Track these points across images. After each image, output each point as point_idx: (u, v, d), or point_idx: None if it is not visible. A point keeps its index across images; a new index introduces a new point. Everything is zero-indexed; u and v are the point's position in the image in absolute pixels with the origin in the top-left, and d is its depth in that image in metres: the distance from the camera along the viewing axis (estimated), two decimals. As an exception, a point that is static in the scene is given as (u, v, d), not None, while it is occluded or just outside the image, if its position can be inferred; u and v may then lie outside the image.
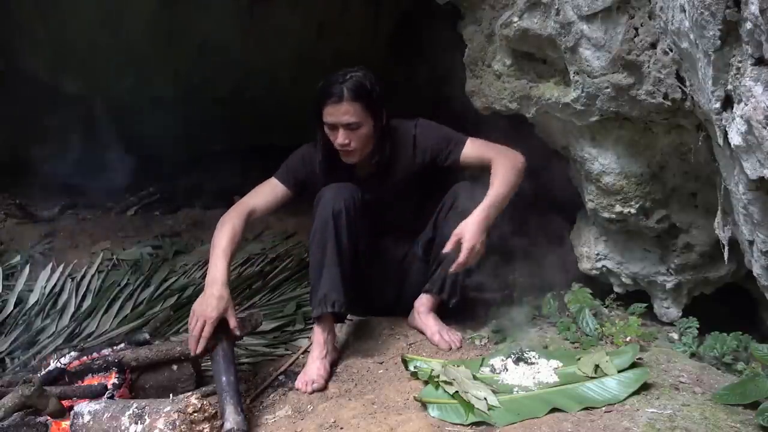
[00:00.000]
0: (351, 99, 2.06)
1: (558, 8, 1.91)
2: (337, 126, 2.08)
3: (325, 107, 2.08)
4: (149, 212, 4.09)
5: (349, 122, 2.08)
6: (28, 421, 1.65)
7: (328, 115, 2.09)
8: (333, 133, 2.11)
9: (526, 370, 1.86)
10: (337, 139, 2.10)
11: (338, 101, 2.06)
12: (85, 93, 4.94)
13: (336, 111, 2.07)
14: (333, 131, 2.11)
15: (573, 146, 2.21)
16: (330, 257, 2.05)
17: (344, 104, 2.06)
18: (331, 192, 2.10)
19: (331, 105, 2.07)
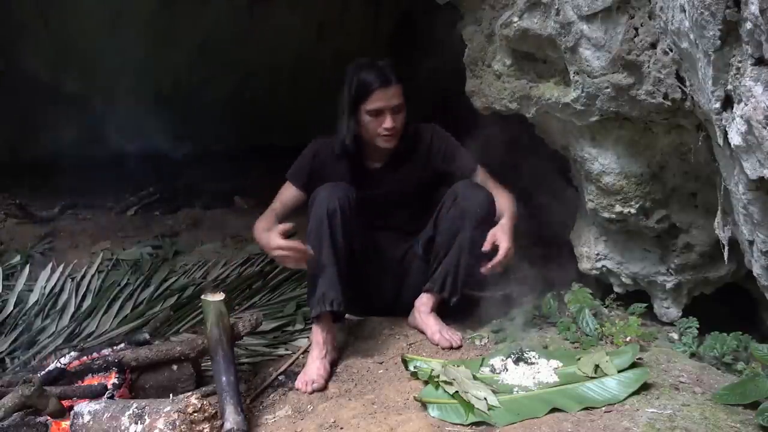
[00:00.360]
0: (397, 81, 2.13)
1: (558, 8, 1.91)
2: (384, 111, 2.12)
3: (372, 94, 2.11)
4: (149, 212, 4.10)
5: (398, 104, 2.14)
6: (28, 421, 1.65)
7: (377, 101, 2.11)
8: (378, 119, 2.13)
9: (526, 370, 1.86)
10: (385, 123, 2.13)
11: (388, 84, 2.11)
12: (85, 93, 4.94)
13: (386, 95, 2.11)
14: (378, 117, 2.13)
15: (573, 146, 2.21)
16: (326, 256, 2.05)
17: (393, 87, 2.12)
18: (325, 191, 2.11)
19: (381, 90, 2.11)
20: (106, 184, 4.45)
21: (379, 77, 2.11)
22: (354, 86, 2.14)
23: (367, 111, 2.13)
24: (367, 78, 2.12)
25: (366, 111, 2.13)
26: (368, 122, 2.15)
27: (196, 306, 2.52)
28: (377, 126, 2.14)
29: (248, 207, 4.24)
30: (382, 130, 2.14)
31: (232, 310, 2.54)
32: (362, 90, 2.12)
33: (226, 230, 3.73)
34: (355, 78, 2.14)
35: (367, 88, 2.11)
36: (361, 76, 2.13)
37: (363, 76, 2.13)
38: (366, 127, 2.17)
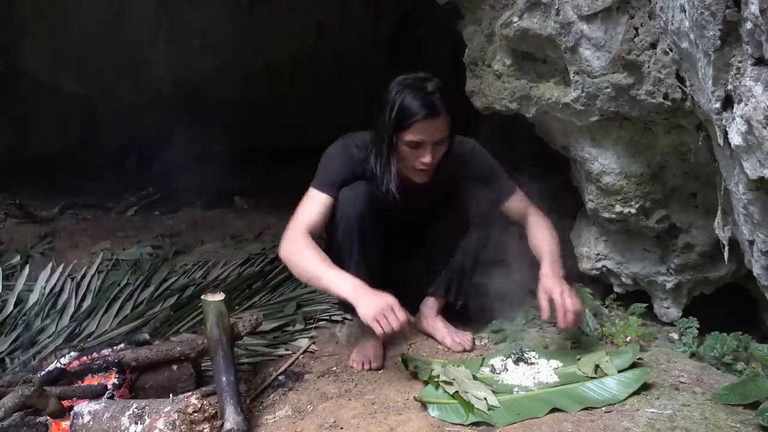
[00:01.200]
0: (445, 112, 1.88)
1: (558, 8, 1.91)
2: (425, 144, 1.89)
3: (415, 124, 1.85)
4: (149, 212, 4.10)
5: (441, 138, 1.90)
6: (28, 421, 1.65)
7: (419, 133, 1.87)
8: (416, 151, 1.90)
9: (526, 370, 1.86)
10: (423, 158, 1.90)
11: (434, 116, 1.86)
12: (85, 93, 4.94)
13: (430, 127, 1.86)
14: (417, 149, 1.90)
15: (573, 146, 2.21)
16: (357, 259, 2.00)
17: (439, 118, 1.87)
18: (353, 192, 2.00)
19: (426, 121, 1.85)
20: (106, 184, 4.46)
21: (425, 106, 1.84)
22: (396, 110, 1.87)
23: (405, 141, 1.89)
24: (411, 105, 1.85)
25: (405, 141, 1.89)
26: (405, 152, 1.92)
27: (196, 306, 2.52)
28: (413, 158, 1.92)
29: (248, 207, 4.25)
30: (418, 164, 1.92)
31: (232, 310, 2.54)
32: (404, 118, 1.86)
33: (226, 230, 3.73)
34: (398, 100, 1.87)
35: (410, 118, 1.85)
36: (405, 100, 1.86)
37: (408, 102, 1.86)
38: (401, 155, 1.95)
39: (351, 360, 2.08)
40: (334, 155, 2.06)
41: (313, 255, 1.88)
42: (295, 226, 1.96)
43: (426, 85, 1.89)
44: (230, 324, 1.88)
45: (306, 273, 1.91)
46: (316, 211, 1.98)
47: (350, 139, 2.09)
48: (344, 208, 1.99)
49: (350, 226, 1.98)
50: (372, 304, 1.76)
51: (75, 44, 4.67)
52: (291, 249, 1.93)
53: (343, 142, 2.09)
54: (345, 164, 2.03)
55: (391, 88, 1.92)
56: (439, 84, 1.92)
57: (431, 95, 1.87)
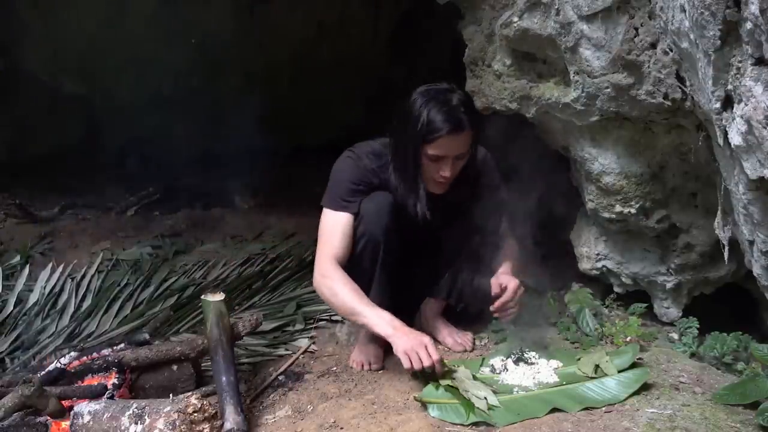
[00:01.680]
0: (469, 127, 1.86)
1: (558, 8, 1.91)
2: (446, 158, 1.87)
3: (439, 138, 1.83)
4: (149, 212, 4.10)
5: (463, 152, 1.89)
6: (28, 421, 1.65)
7: (442, 148, 1.85)
8: (436, 164, 1.89)
9: (526, 370, 1.86)
10: (443, 171, 1.89)
11: (459, 131, 1.84)
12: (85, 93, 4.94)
13: (453, 142, 1.84)
14: (437, 162, 1.88)
15: (573, 146, 2.21)
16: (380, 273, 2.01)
17: (463, 134, 1.85)
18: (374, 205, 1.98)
19: (450, 136, 1.83)
20: (106, 184, 4.46)
21: (450, 121, 1.82)
22: (420, 123, 1.84)
23: (428, 154, 1.87)
24: (436, 120, 1.82)
25: (427, 154, 1.87)
26: (425, 164, 1.91)
27: (196, 306, 2.52)
28: (433, 171, 1.90)
29: (248, 207, 4.25)
30: (437, 177, 1.91)
31: (232, 310, 2.54)
32: (428, 132, 1.83)
33: (226, 230, 3.74)
34: (424, 113, 1.83)
35: (434, 133, 1.83)
36: (431, 114, 1.83)
37: (433, 116, 1.83)
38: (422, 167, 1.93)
39: (351, 360, 2.08)
40: (344, 169, 2.02)
41: (348, 292, 1.90)
42: (323, 259, 1.96)
43: (451, 98, 1.86)
44: (230, 324, 1.88)
45: (342, 309, 1.95)
46: (339, 235, 1.96)
47: (359, 149, 2.06)
48: (368, 223, 1.96)
49: (375, 240, 1.97)
50: (407, 341, 1.80)
51: (75, 44, 4.66)
52: (326, 284, 1.94)
53: (352, 154, 2.05)
54: (357, 176, 2.00)
55: (415, 100, 1.89)
56: (463, 97, 1.90)
57: (456, 109, 1.84)
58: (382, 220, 1.96)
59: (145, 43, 4.72)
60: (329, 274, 1.93)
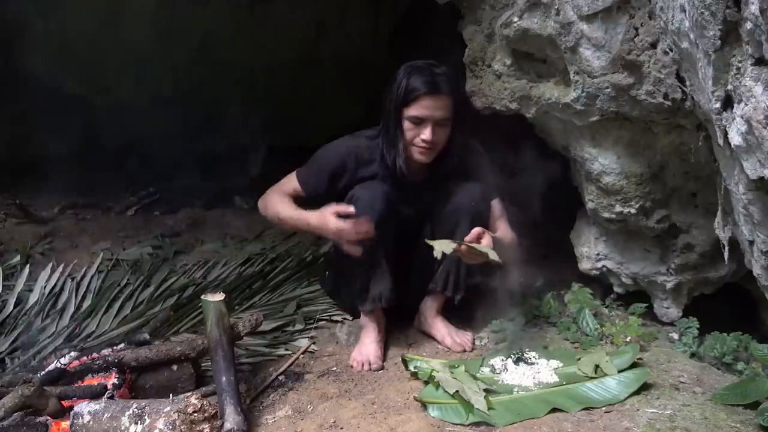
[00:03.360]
0: (448, 92, 2.00)
1: (558, 8, 1.91)
2: (426, 120, 1.98)
3: (418, 100, 1.97)
4: (149, 212, 4.09)
5: (442, 117, 1.99)
6: (28, 421, 1.65)
7: (422, 108, 1.97)
8: (418, 128, 2.00)
9: (526, 370, 1.86)
10: (423, 134, 1.99)
11: (437, 93, 1.97)
12: (85, 93, 4.94)
13: (432, 104, 1.97)
14: (418, 126, 2.00)
15: (573, 146, 2.21)
16: (379, 257, 2.07)
17: (442, 97, 1.98)
18: (368, 192, 2.05)
19: (428, 97, 1.96)
20: (106, 184, 4.45)
21: (428, 83, 1.96)
22: (402, 88, 1.99)
23: (408, 116, 2.00)
24: (415, 82, 1.97)
25: (407, 116, 2.00)
26: (407, 129, 2.02)
27: (196, 306, 2.52)
28: (415, 135, 2.01)
29: (248, 207, 4.24)
30: (418, 141, 2.01)
31: (232, 310, 2.54)
32: (408, 93, 1.98)
33: (226, 230, 3.73)
34: (404, 80, 1.99)
35: (413, 93, 1.97)
36: (411, 78, 1.99)
37: (412, 80, 1.98)
38: (404, 134, 2.04)
39: (351, 360, 2.08)
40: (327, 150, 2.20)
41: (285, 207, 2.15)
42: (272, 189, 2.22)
43: (432, 68, 2.02)
44: (230, 324, 1.88)
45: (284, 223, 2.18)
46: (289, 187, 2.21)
47: (355, 134, 2.21)
48: (361, 208, 2.01)
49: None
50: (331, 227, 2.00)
51: (75, 44, 4.66)
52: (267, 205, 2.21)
53: (345, 138, 2.21)
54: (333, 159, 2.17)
55: (399, 71, 2.05)
56: (445, 69, 2.04)
57: (436, 75, 1.99)
58: (376, 205, 2.01)
59: (145, 43, 4.71)
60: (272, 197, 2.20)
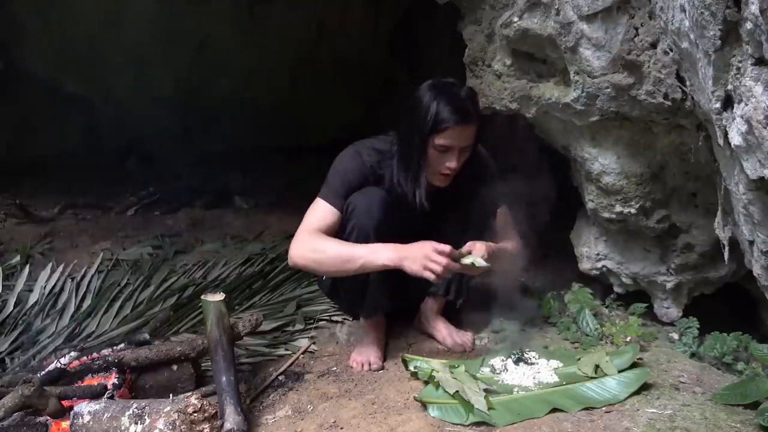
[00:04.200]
0: (475, 119, 1.92)
1: (558, 8, 1.91)
2: (453, 149, 1.91)
3: (447, 129, 1.87)
4: (149, 212, 4.09)
5: (468, 144, 1.93)
6: (28, 421, 1.65)
7: (450, 138, 1.88)
8: (442, 156, 1.92)
9: (526, 370, 1.86)
10: (449, 162, 1.92)
11: (466, 123, 1.89)
12: (85, 93, 4.94)
13: (461, 133, 1.89)
14: (443, 154, 1.91)
15: (573, 146, 2.21)
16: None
17: (470, 126, 1.90)
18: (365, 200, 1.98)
19: (458, 127, 1.87)
20: (106, 184, 4.46)
21: (458, 113, 1.87)
22: (429, 115, 1.88)
23: (435, 145, 1.90)
24: (444, 111, 1.87)
25: (434, 144, 1.90)
26: (431, 156, 1.94)
27: (196, 306, 2.52)
28: (439, 162, 1.94)
29: (248, 207, 4.25)
30: (443, 168, 1.94)
31: (232, 310, 2.54)
32: (437, 123, 1.87)
33: (226, 230, 3.74)
34: (432, 105, 1.88)
35: (442, 123, 1.87)
36: (440, 106, 1.87)
37: (441, 108, 1.87)
38: (427, 159, 1.96)
39: (351, 360, 2.08)
40: (344, 162, 2.05)
41: (334, 244, 1.91)
42: (303, 230, 1.96)
43: (459, 92, 1.93)
44: (230, 324, 1.88)
45: (335, 263, 1.91)
46: (325, 221, 1.97)
47: (360, 145, 2.09)
48: (358, 216, 1.96)
49: (365, 233, 1.95)
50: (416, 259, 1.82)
51: (75, 44, 4.66)
52: (307, 247, 1.93)
53: (355, 149, 2.07)
54: (355, 171, 2.02)
55: (423, 94, 1.93)
56: (469, 91, 1.96)
57: (464, 101, 1.90)
58: (373, 213, 1.96)
59: (145, 43, 4.72)
60: (309, 237, 1.93)
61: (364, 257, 1.87)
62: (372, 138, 2.13)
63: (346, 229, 1.99)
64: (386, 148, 2.08)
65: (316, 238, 1.93)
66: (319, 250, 1.92)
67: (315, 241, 1.93)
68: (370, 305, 2.11)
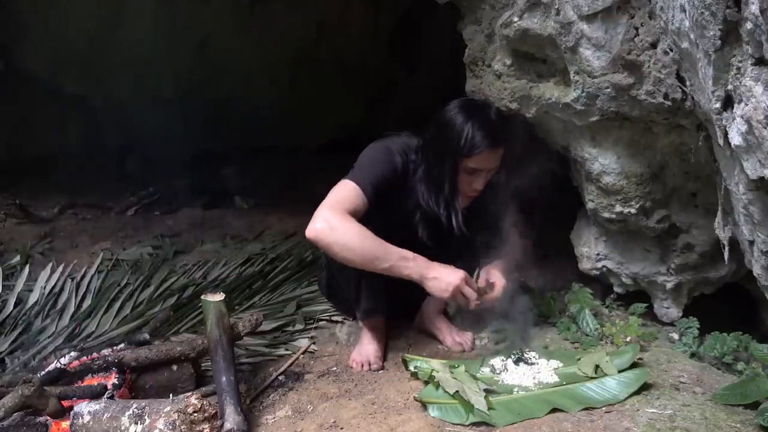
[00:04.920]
0: (505, 142, 1.93)
1: (558, 8, 1.91)
2: (482, 171, 1.93)
3: (480, 153, 1.88)
4: (149, 212, 4.10)
5: (497, 166, 1.94)
6: (28, 421, 1.65)
7: (482, 161, 1.90)
8: (470, 177, 1.93)
9: (526, 370, 1.86)
10: (475, 184, 1.94)
11: (497, 147, 1.91)
12: (85, 93, 4.94)
13: (492, 157, 1.91)
14: (471, 176, 1.93)
15: (573, 146, 2.21)
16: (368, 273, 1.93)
17: (500, 149, 1.92)
18: None
19: (490, 151, 1.89)
20: (106, 184, 4.46)
21: (490, 137, 1.87)
22: (462, 138, 1.87)
23: (465, 168, 1.92)
24: (477, 136, 1.86)
25: (464, 167, 1.92)
26: (460, 177, 1.95)
27: (196, 306, 2.52)
28: (465, 184, 1.95)
29: (248, 207, 4.25)
30: (469, 190, 1.96)
31: (232, 310, 2.54)
32: (471, 148, 1.87)
33: (226, 230, 3.74)
34: (465, 128, 1.87)
35: (476, 148, 1.87)
36: (473, 130, 1.87)
37: (474, 133, 1.87)
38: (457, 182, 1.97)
39: (351, 360, 2.08)
40: (378, 159, 1.96)
41: (369, 234, 1.78)
42: (331, 207, 1.81)
43: (490, 114, 1.94)
44: (230, 324, 1.88)
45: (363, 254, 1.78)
46: (354, 204, 1.84)
47: (393, 143, 2.02)
48: None
49: None
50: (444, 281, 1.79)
51: (75, 44, 4.66)
52: (338, 225, 1.77)
53: (387, 148, 2.00)
54: (388, 167, 1.96)
55: (454, 115, 1.92)
56: (499, 112, 1.98)
57: (496, 125, 1.91)
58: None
59: (145, 43, 4.71)
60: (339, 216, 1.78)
61: (392, 262, 1.78)
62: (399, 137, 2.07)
63: None
64: (411, 151, 2.03)
65: (348, 219, 1.78)
66: (352, 234, 1.77)
67: (348, 222, 1.78)
68: (365, 308, 2.11)
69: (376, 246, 1.78)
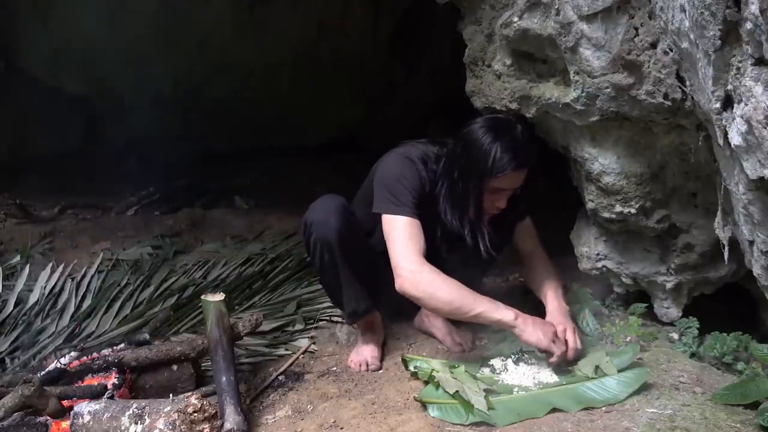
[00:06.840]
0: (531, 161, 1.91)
1: (558, 8, 1.91)
2: (506, 190, 1.92)
3: (506, 173, 1.85)
4: (149, 212, 4.10)
5: (520, 185, 1.94)
6: (28, 421, 1.65)
7: (507, 181, 1.89)
8: (494, 196, 1.92)
9: (526, 370, 1.86)
10: (498, 203, 1.93)
11: (523, 168, 1.89)
12: (85, 93, 4.95)
13: (517, 177, 1.90)
14: (494, 194, 1.92)
15: (573, 146, 2.21)
16: (345, 276, 1.99)
17: (525, 170, 1.91)
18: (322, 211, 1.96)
19: (516, 172, 1.87)
20: (106, 184, 4.46)
21: (518, 158, 1.85)
22: (490, 159, 1.84)
23: (489, 187, 1.90)
24: (505, 158, 1.84)
25: (489, 187, 1.90)
26: (485, 197, 1.94)
27: (196, 306, 2.52)
28: (488, 202, 1.94)
29: (248, 207, 4.26)
30: (492, 208, 1.95)
31: (232, 310, 2.54)
32: (498, 169, 1.85)
33: (226, 230, 3.74)
34: (493, 149, 1.84)
35: (503, 169, 1.85)
36: (500, 152, 1.84)
37: (503, 153, 1.84)
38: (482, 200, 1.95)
39: (349, 361, 2.08)
40: (405, 176, 1.95)
41: (453, 285, 1.82)
42: (404, 256, 1.85)
43: (517, 134, 1.89)
44: (230, 324, 1.88)
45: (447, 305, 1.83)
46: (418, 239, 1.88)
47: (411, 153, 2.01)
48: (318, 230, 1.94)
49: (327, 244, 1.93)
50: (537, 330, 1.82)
51: (75, 44, 4.66)
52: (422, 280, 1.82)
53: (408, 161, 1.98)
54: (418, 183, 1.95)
55: (480, 135, 1.89)
56: (524, 131, 1.93)
57: (523, 145, 1.88)
58: (330, 223, 1.92)
59: (145, 43, 4.72)
60: (424, 268, 1.83)
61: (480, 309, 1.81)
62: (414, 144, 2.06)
63: (309, 245, 1.97)
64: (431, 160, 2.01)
65: (429, 270, 1.83)
66: (435, 285, 1.82)
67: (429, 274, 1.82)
68: (349, 311, 2.10)
69: (459, 301, 1.81)
